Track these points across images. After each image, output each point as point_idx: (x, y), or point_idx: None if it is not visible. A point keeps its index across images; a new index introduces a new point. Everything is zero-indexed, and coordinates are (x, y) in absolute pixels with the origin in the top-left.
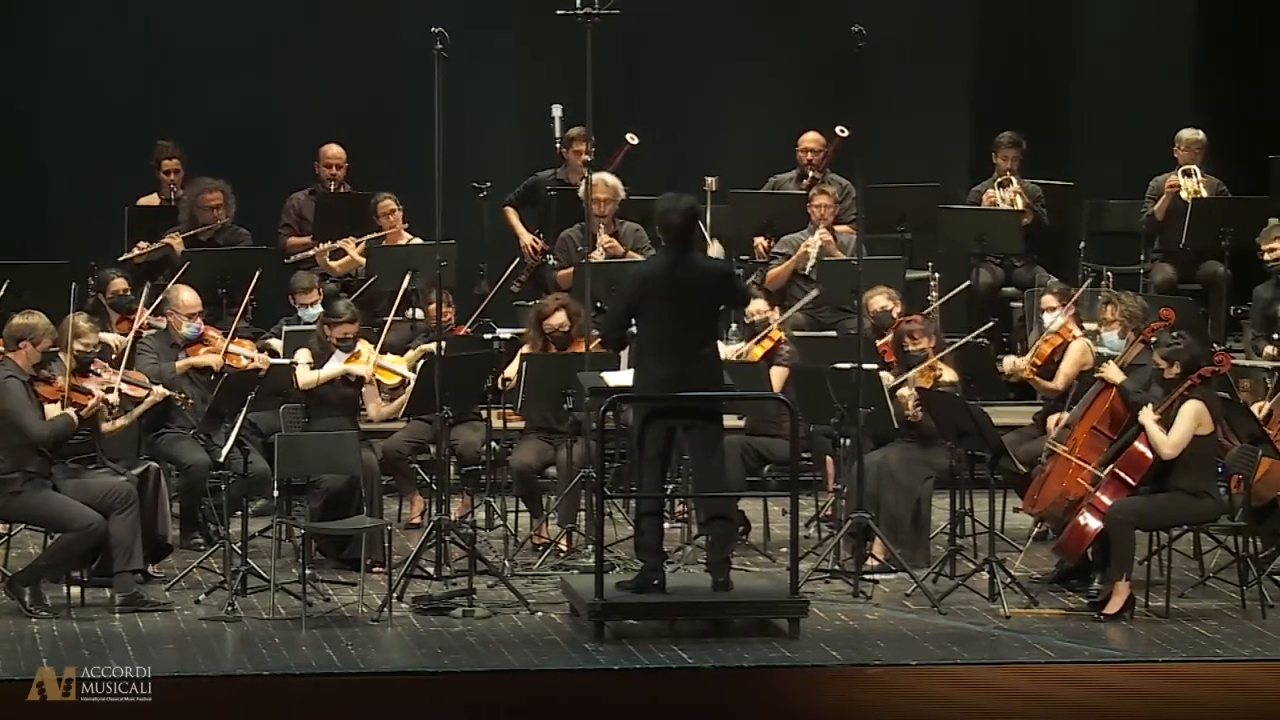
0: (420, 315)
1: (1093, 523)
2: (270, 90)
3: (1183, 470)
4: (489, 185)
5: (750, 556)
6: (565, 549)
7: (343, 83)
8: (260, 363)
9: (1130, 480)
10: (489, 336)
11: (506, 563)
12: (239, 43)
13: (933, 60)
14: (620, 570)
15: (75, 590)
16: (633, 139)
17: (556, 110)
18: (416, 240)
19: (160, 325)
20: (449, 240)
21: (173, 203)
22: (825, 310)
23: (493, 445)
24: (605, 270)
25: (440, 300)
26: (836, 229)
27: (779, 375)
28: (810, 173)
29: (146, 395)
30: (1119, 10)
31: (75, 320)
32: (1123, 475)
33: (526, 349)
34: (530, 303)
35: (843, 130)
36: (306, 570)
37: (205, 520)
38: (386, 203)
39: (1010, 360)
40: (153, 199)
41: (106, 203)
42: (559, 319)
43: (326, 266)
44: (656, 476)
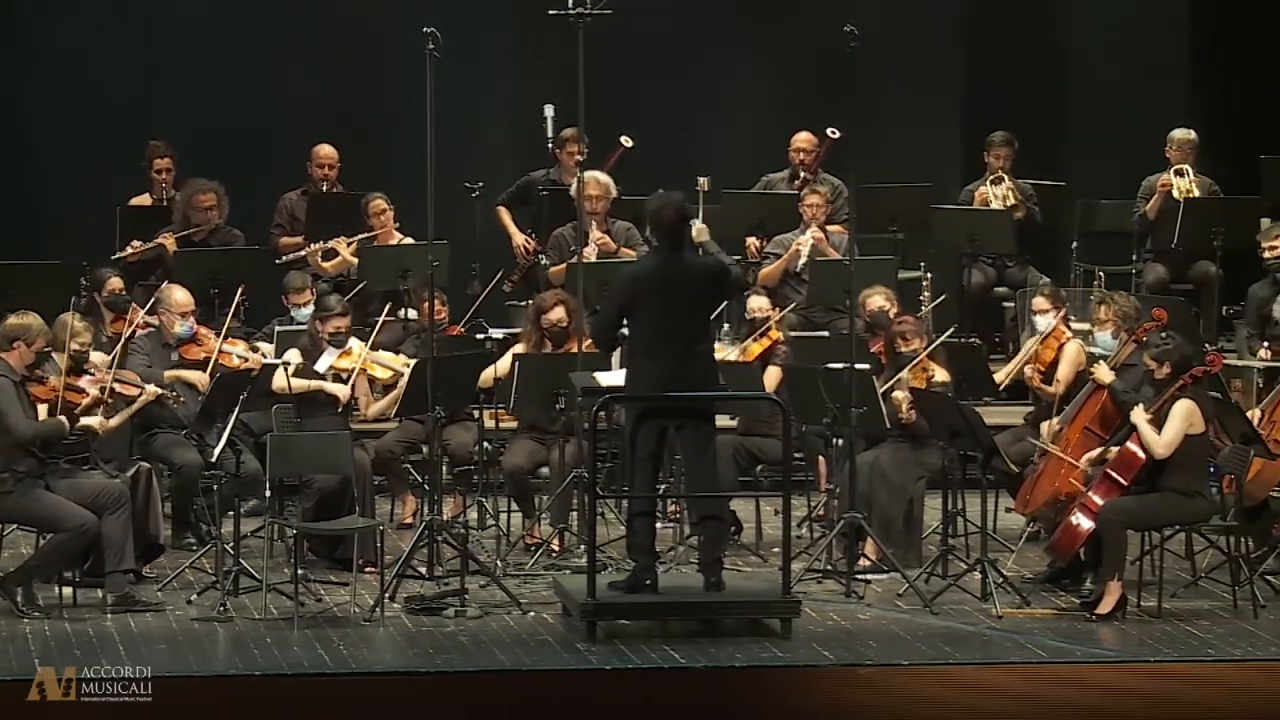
0: (413, 315)
1: (1085, 523)
2: (262, 90)
3: (1175, 470)
4: (481, 185)
5: (742, 556)
6: (557, 549)
7: (335, 83)
8: (253, 363)
9: (1122, 480)
10: (481, 336)
11: (499, 563)
12: (232, 43)
13: (925, 60)
14: (612, 570)
15: (67, 590)
16: (627, 141)
17: (549, 110)
18: (408, 240)
19: (155, 324)
20: (441, 240)
21: (164, 203)
22: (818, 310)
23: (485, 445)
24: (598, 270)
25: (432, 300)
26: (828, 229)
27: (773, 375)
28: (802, 173)
29: (139, 395)
30: (1111, 10)
31: (70, 320)
32: (1115, 475)
33: (522, 345)
34: (523, 303)
35: (834, 132)
36: (298, 570)
37: (197, 520)
38: (378, 202)
39: (1003, 372)
40: (144, 199)
41: (99, 202)
42: (558, 314)
43: (318, 267)
44: (649, 476)
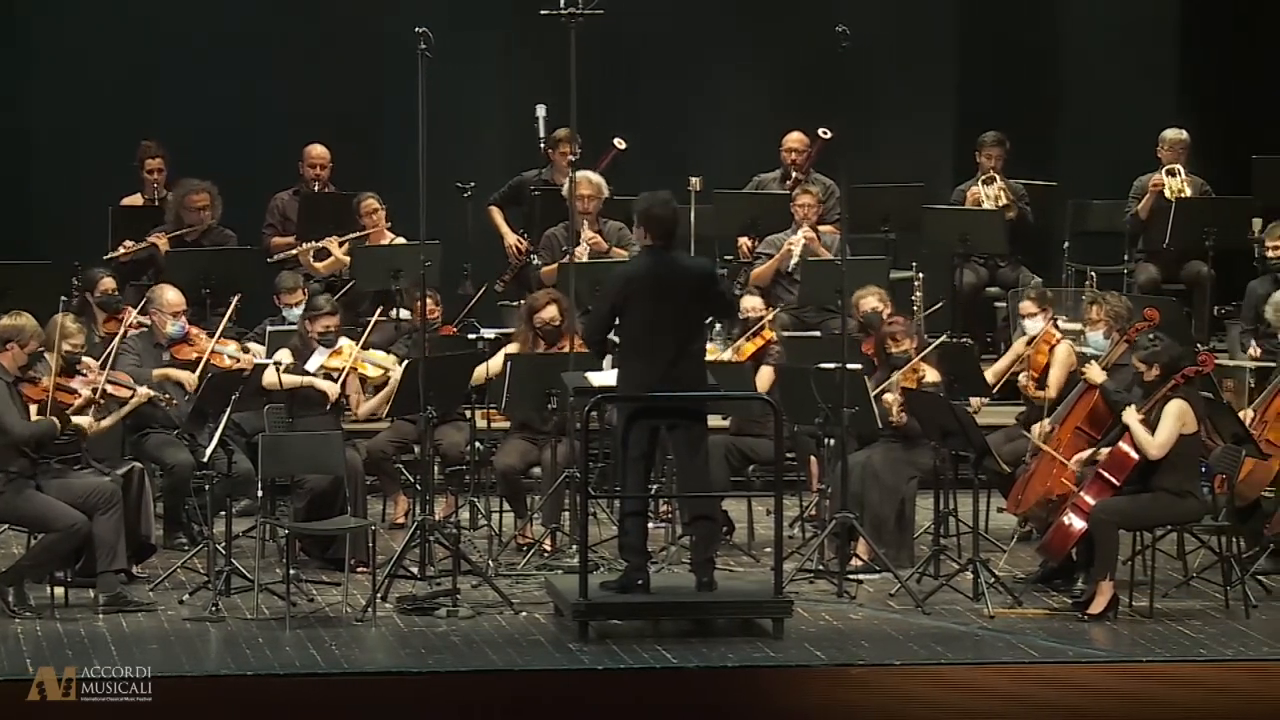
0: (405, 315)
1: (1077, 523)
2: (255, 90)
3: (1167, 470)
4: (473, 185)
5: (734, 557)
6: (549, 549)
7: (327, 83)
8: (245, 363)
9: (1114, 480)
10: (473, 336)
11: (491, 563)
12: (225, 43)
13: (917, 60)
14: (604, 570)
15: (59, 590)
16: (620, 143)
17: (540, 110)
18: (400, 240)
19: (146, 324)
20: (433, 240)
21: (156, 203)
22: (810, 310)
23: (477, 445)
24: (589, 269)
25: (424, 300)
26: (820, 229)
27: (765, 375)
28: (794, 173)
29: (131, 396)
30: (1103, 10)
31: (63, 321)
32: (1107, 475)
33: (515, 345)
34: (514, 303)
35: (825, 132)
36: (290, 570)
37: (189, 520)
38: (369, 202)
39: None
40: (136, 199)
41: (99, 202)
42: (550, 313)
43: (310, 267)
44: (641, 477)
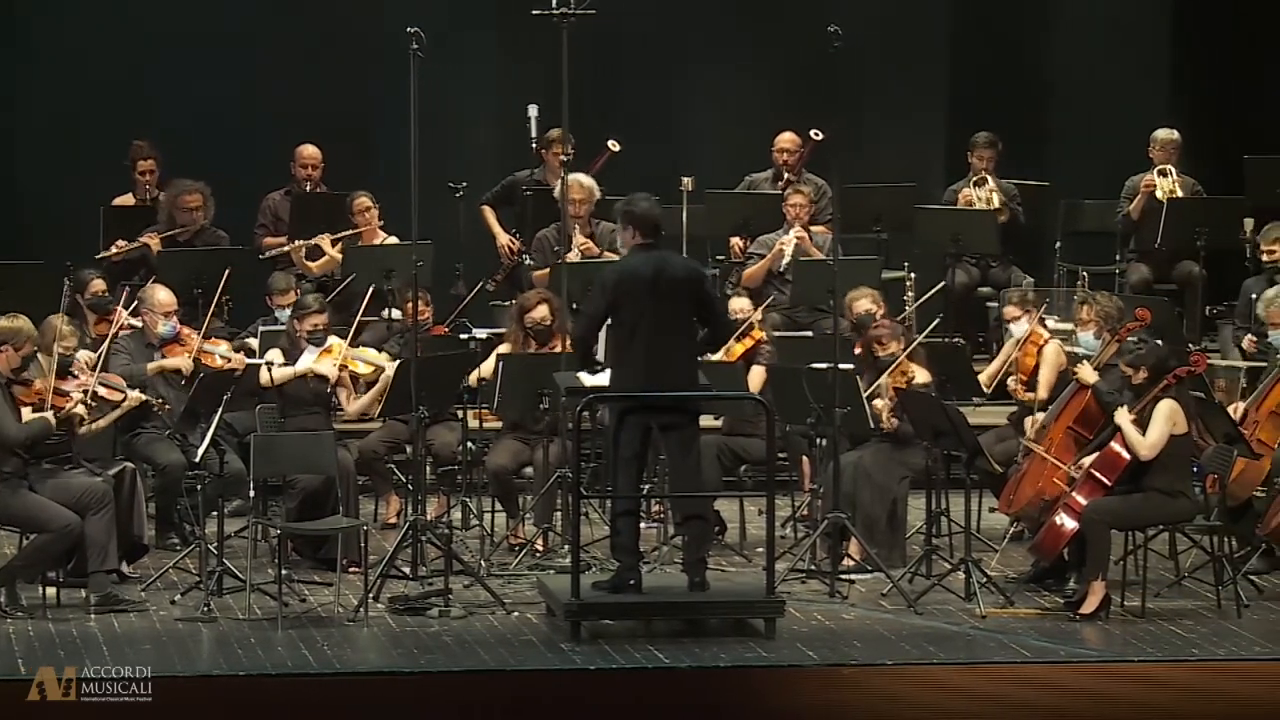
0: (397, 315)
1: (1069, 523)
2: (247, 91)
3: (1158, 470)
4: (465, 185)
5: (726, 556)
6: (541, 549)
7: (320, 83)
8: (236, 363)
9: (1106, 480)
10: (465, 336)
11: (483, 563)
12: (217, 43)
13: (909, 60)
14: (596, 570)
15: (51, 591)
16: (614, 145)
17: (533, 110)
18: (392, 239)
19: (138, 325)
20: (425, 240)
21: (148, 203)
22: (802, 310)
23: (469, 445)
24: (581, 270)
25: (416, 300)
26: (812, 229)
27: (757, 375)
28: (786, 173)
29: (123, 399)
30: (1095, 11)
31: (57, 323)
32: (1098, 475)
33: (506, 345)
34: (506, 302)
35: (817, 133)
36: (282, 570)
37: (181, 520)
38: (362, 200)
39: (985, 375)
40: (128, 199)
41: (83, 202)
42: (541, 312)
43: (304, 267)
44: (633, 476)
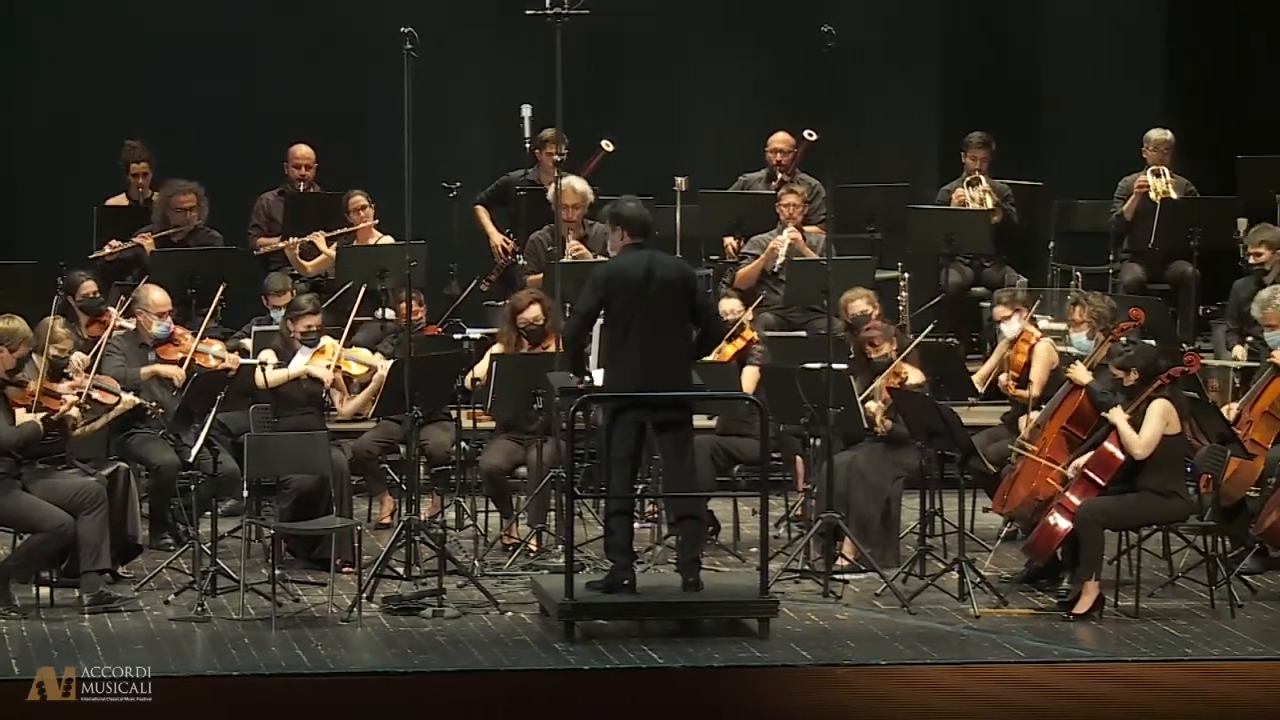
0: (391, 315)
1: (1062, 523)
2: (242, 91)
3: (1152, 470)
4: (459, 185)
5: (720, 556)
6: (535, 549)
7: (314, 83)
8: (230, 363)
9: (1099, 480)
10: (459, 336)
11: (476, 563)
12: (211, 43)
13: (902, 61)
14: (590, 570)
15: (44, 591)
16: (608, 145)
17: (526, 110)
18: (387, 239)
19: (129, 326)
20: (419, 240)
21: (141, 203)
22: (795, 310)
23: (463, 445)
24: (575, 271)
25: (410, 300)
26: (806, 229)
27: (750, 375)
28: (779, 173)
29: (117, 402)
30: (1088, 11)
31: (53, 325)
32: (1092, 475)
33: (499, 345)
34: (500, 302)
35: (810, 134)
36: (276, 570)
37: (175, 520)
38: (358, 199)
39: (982, 374)
40: (121, 199)
41: (77, 202)
42: (533, 312)
43: (299, 265)
44: (626, 476)
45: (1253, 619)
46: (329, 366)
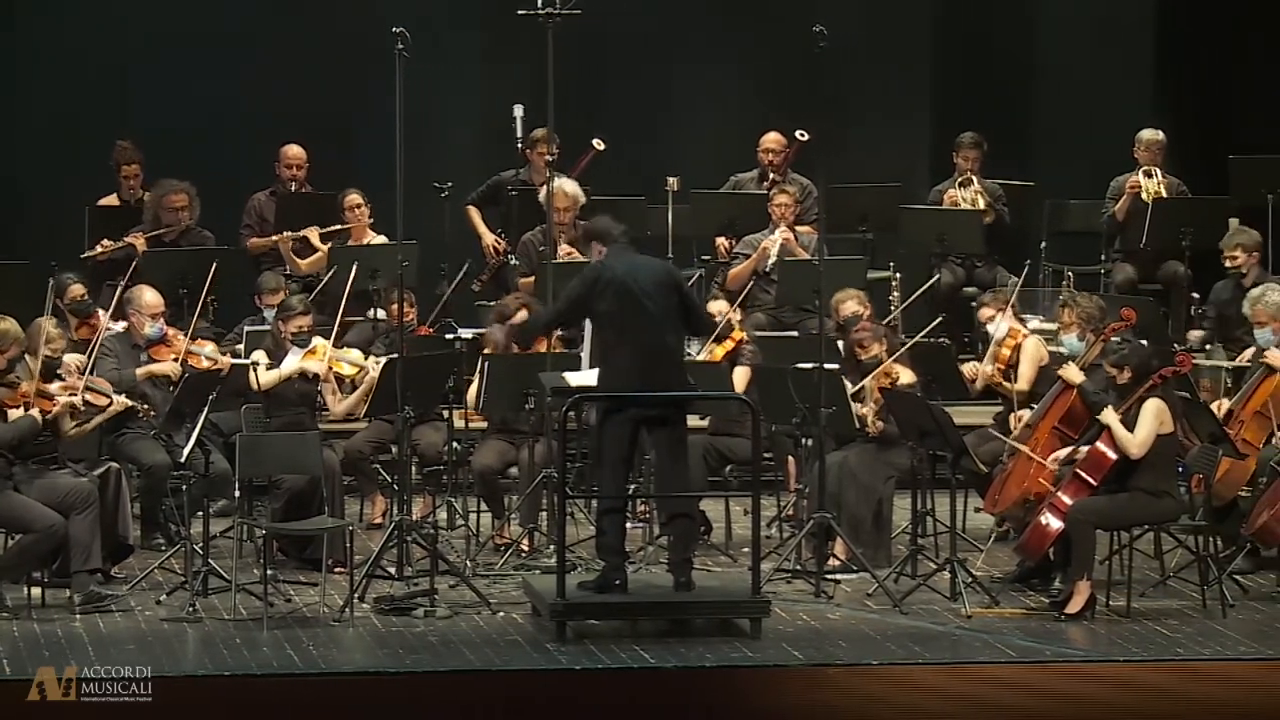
0: (382, 315)
1: (1054, 522)
2: (233, 91)
3: (1144, 470)
4: (450, 185)
5: (712, 556)
6: (527, 549)
7: (305, 83)
8: (222, 363)
9: (1091, 480)
10: (450, 336)
11: (468, 563)
12: (203, 44)
13: (894, 61)
14: (582, 570)
15: (36, 591)
16: (599, 144)
17: (518, 110)
18: (381, 238)
19: (119, 328)
20: (410, 240)
21: (133, 203)
22: (787, 310)
23: (454, 445)
24: (567, 271)
25: (401, 300)
26: (798, 229)
27: (742, 375)
28: (771, 173)
29: (109, 404)
30: (1080, 11)
31: (45, 325)
32: (1084, 475)
33: (489, 349)
34: (492, 303)
35: (802, 134)
36: (268, 570)
37: (166, 521)
38: (353, 197)
39: (970, 367)
40: (112, 199)
41: (69, 202)
42: (521, 317)
43: (292, 263)
44: (619, 476)
45: (1244, 619)
46: (321, 366)
